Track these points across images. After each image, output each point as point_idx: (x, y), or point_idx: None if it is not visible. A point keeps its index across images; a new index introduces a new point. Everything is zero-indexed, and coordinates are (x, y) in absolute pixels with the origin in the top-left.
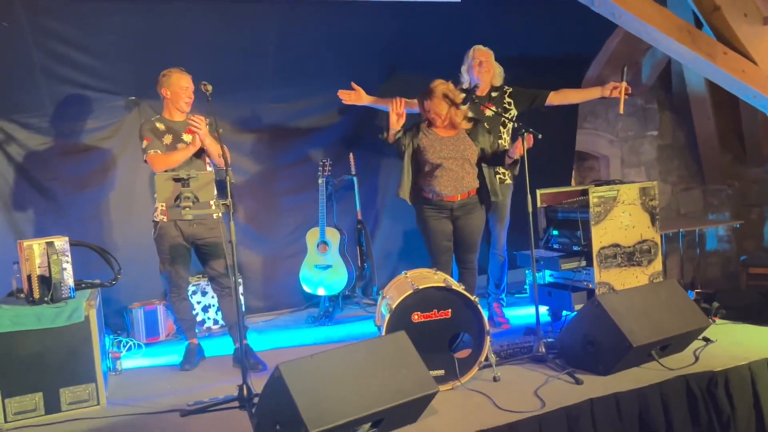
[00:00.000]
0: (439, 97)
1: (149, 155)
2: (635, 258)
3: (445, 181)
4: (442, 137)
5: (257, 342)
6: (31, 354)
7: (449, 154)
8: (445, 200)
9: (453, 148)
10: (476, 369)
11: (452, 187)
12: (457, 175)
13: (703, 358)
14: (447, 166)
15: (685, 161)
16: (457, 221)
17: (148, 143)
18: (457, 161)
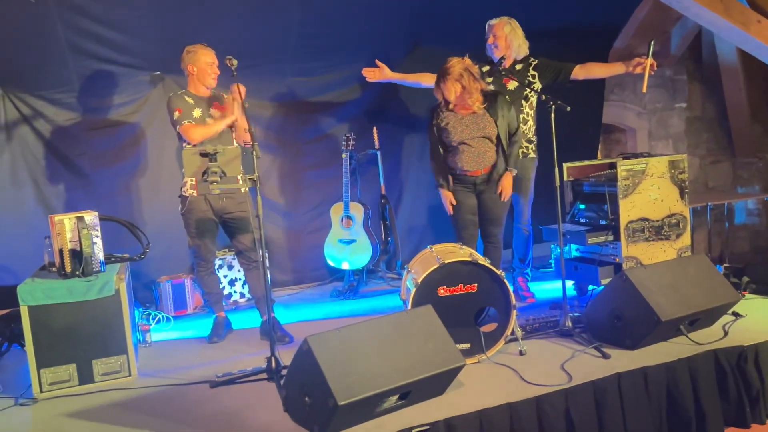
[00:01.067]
0: (453, 80)
1: (183, 126)
2: (663, 232)
3: (467, 157)
4: (462, 116)
5: (283, 315)
6: (64, 326)
7: (471, 134)
8: (469, 175)
9: (474, 128)
10: (502, 343)
11: (475, 162)
12: (478, 150)
13: (732, 333)
14: (469, 143)
15: (714, 134)
16: (482, 195)
17: (180, 114)
18: (477, 139)
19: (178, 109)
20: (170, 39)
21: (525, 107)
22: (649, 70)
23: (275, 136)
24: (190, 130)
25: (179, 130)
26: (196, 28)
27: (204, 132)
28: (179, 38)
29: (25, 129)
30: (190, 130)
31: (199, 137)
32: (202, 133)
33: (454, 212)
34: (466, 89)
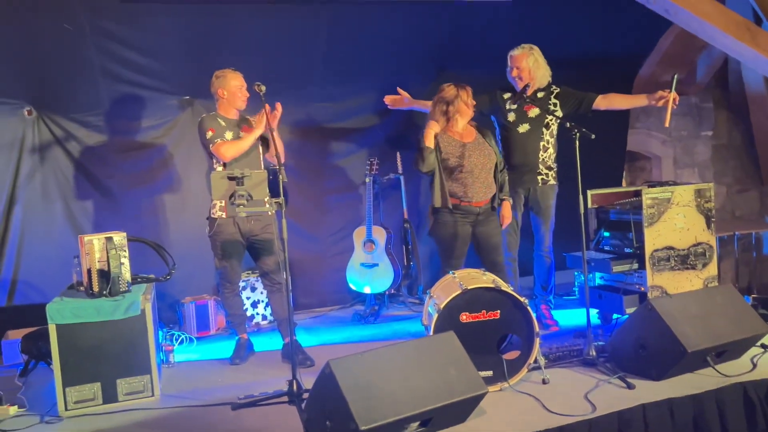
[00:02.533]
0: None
1: (216, 144)
2: (689, 261)
3: (479, 186)
4: (466, 143)
5: (305, 338)
6: (90, 345)
7: (478, 161)
8: (473, 205)
9: (480, 154)
10: (525, 371)
11: (483, 193)
12: (486, 180)
13: (761, 366)
14: (477, 172)
15: (741, 162)
16: (477, 227)
17: (213, 134)
18: (485, 167)
19: (210, 129)
20: (199, 64)
21: (546, 135)
22: (672, 104)
23: (299, 160)
24: (222, 148)
25: (212, 149)
26: (225, 54)
27: (235, 148)
28: (208, 64)
29: (57, 150)
30: (222, 147)
31: (231, 154)
32: (234, 150)
33: (450, 239)
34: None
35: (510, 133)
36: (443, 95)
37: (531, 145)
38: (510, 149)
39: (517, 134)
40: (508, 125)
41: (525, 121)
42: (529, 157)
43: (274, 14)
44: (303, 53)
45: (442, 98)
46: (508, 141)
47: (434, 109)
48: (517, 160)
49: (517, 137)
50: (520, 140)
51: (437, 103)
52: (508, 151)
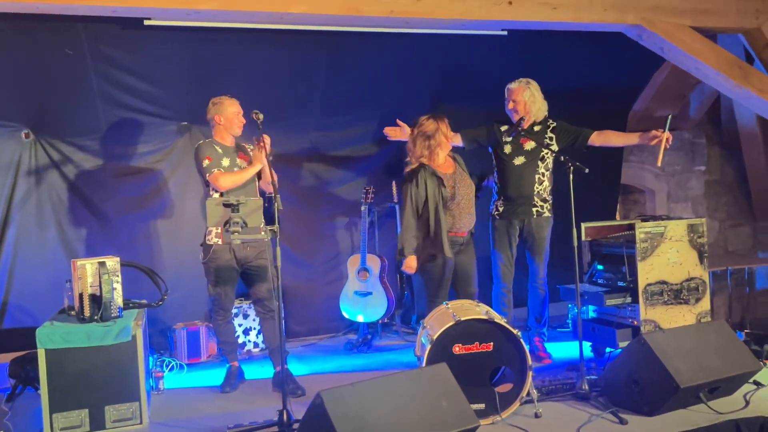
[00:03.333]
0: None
1: (213, 174)
2: (682, 296)
3: (464, 217)
4: (448, 174)
5: (296, 367)
6: (79, 371)
7: (465, 192)
8: (459, 234)
9: (464, 185)
10: (518, 404)
11: (467, 222)
12: (470, 210)
13: (754, 403)
14: (463, 203)
15: (734, 197)
16: (458, 255)
17: (210, 162)
18: (469, 197)
19: (208, 157)
20: (198, 91)
21: (541, 167)
22: (666, 144)
23: (296, 187)
24: (220, 178)
25: (209, 178)
26: (224, 81)
27: (233, 179)
28: (207, 91)
29: (54, 173)
30: (220, 177)
31: (228, 185)
32: (232, 181)
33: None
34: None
35: (506, 165)
36: (424, 130)
37: (526, 178)
38: (506, 181)
39: (513, 166)
40: (505, 157)
41: (521, 154)
42: (524, 189)
43: (274, 43)
44: (302, 82)
45: (424, 133)
46: (503, 173)
47: (415, 144)
48: (513, 192)
49: (512, 169)
50: (516, 172)
51: (418, 137)
52: (504, 182)
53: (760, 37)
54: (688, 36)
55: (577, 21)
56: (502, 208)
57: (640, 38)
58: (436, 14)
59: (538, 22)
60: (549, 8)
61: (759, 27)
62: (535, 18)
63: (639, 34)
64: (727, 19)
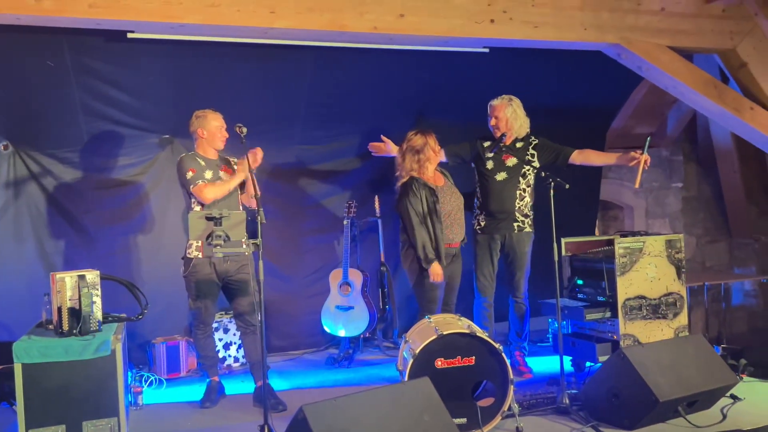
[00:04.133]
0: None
1: (197, 185)
2: (661, 311)
3: (456, 228)
4: (438, 186)
5: (277, 382)
6: (56, 386)
7: (455, 203)
8: (453, 246)
9: (455, 197)
10: (499, 418)
11: (458, 232)
12: (460, 221)
13: (731, 416)
14: (454, 213)
15: (710, 213)
16: (450, 266)
17: (193, 174)
18: (459, 208)
19: (191, 170)
20: (181, 104)
21: (522, 183)
22: (644, 165)
23: (278, 201)
24: (204, 190)
25: (192, 190)
26: (207, 95)
27: (216, 191)
28: (190, 104)
29: (32, 186)
30: (204, 189)
31: (212, 196)
32: (215, 192)
33: (435, 288)
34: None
35: (488, 181)
36: (412, 144)
37: (508, 193)
38: (487, 196)
39: (495, 182)
40: (487, 173)
41: (503, 170)
42: (505, 204)
43: (259, 56)
44: (286, 96)
45: (412, 147)
46: (485, 188)
47: (404, 159)
48: (494, 207)
49: (494, 185)
50: (498, 188)
51: (407, 152)
52: (486, 198)
53: (735, 57)
54: (666, 55)
55: (558, 40)
56: (483, 223)
57: (619, 57)
58: (420, 31)
59: (519, 40)
60: (530, 27)
61: (734, 48)
62: (516, 36)
63: (618, 53)
64: (704, 39)
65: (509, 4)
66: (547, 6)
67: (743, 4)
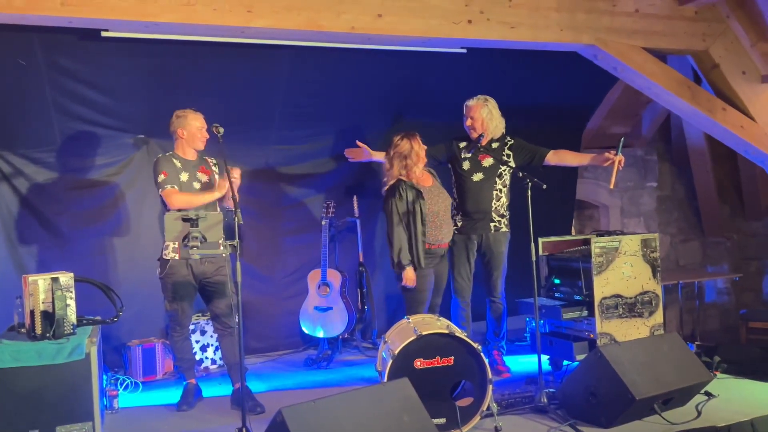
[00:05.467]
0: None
1: (166, 190)
2: (637, 309)
3: (445, 228)
4: (427, 187)
5: (255, 383)
6: (29, 390)
7: (443, 203)
8: (441, 246)
9: (442, 197)
10: (478, 418)
11: (447, 233)
12: (448, 221)
13: (705, 413)
14: (442, 215)
15: (684, 213)
16: (437, 267)
17: (165, 177)
18: (447, 208)
19: (163, 172)
20: (156, 104)
21: (498, 183)
22: (618, 166)
23: (256, 201)
24: (172, 196)
25: (162, 194)
26: (183, 94)
27: (186, 201)
28: (165, 103)
29: (4, 186)
30: (172, 195)
31: (179, 204)
32: (184, 202)
33: (426, 290)
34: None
35: (464, 181)
36: (399, 150)
37: (484, 194)
38: (464, 197)
39: (471, 182)
40: (463, 173)
41: (479, 170)
42: (482, 204)
43: (234, 56)
44: (263, 96)
45: (399, 153)
46: (462, 189)
47: (392, 164)
48: (471, 207)
49: (471, 185)
50: (474, 188)
51: (395, 158)
52: (462, 198)
53: (708, 59)
54: (640, 56)
55: (535, 40)
56: (460, 224)
57: (594, 58)
58: (397, 31)
59: (496, 40)
60: (507, 27)
61: (706, 49)
62: (493, 37)
63: (594, 54)
64: (677, 41)
65: (486, 5)
66: (523, 7)
67: (716, 7)
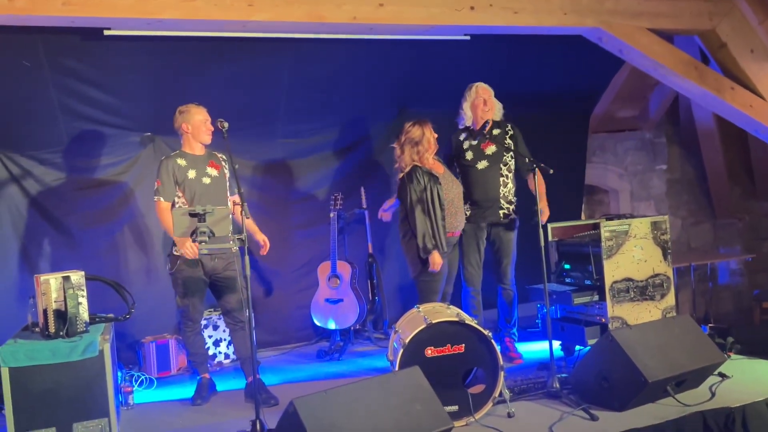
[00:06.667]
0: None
1: (156, 200)
2: (648, 292)
3: (460, 216)
4: (442, 174)
5: (268, 376)
6: (45, 388)
7: (457, 191)
8: (454, 235)
9: (456, 184)
10: (490, 405)
11: (460, 221)
12: (461, 209)
13: (719, 394)
14: (456, 201)
15: (694, 195)
16: (449, 256)
17: (157, 186)
18: (461, 196)
19: (158, 181)
20: (161, 101)
21: (503, 170)
22: None
23: (264, 196)
24: (158, 208)
25: (155, 200)
26: (188, 91)
27: (164, 221)
28: (170, 100)
29: (14, 188)
30: (158, 207)
31: (160, 218)
32: (163, 220)
33: (440, 279)
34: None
35: (469, 171)
36: (411, 136)
37: (491, 181)
38: (470, 186)
39: (477, 171)
40: (467, 163)
41: (483, 158)
42: (489, 192)
43: (237, 51)
44: (267, 90)
45: (411, 139)
46: (468, 179)
47: (403, 151)
48: (479, 196)
49: (476, 174)
50: (480, 176)
51: (405, 144)
52: (469, 188)
53: (715, 38)
54: (646, 38)
55: (538, 25)
56: (469, 213)
57: (599, 41)
58: (399, 20)
59: (500, 26)
60: (510, 13)
61: (713, 29)
62: (496, 23)
63: (599, 37)
64: (683, 21)
65: None
66: None
67: None
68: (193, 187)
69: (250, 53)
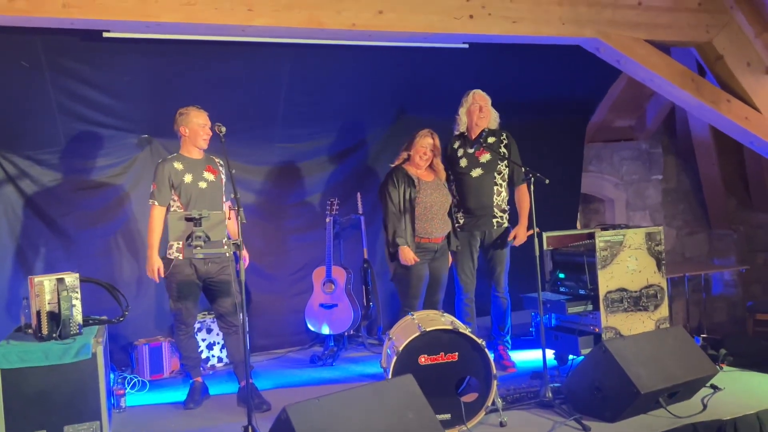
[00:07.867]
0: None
1: (151, 203)
2: (642, 303)
3: (436, 222)
4: (428, 182)
5: (261, 381)
6: (36, 391)
7: (438, 199)
8: (433, 241)
9: (439, 194)
10: (483, 413)
11: (441, 229)
12: (444, 217)
13: (711, 406)
14: (435, 210)
15: (690, 205)
16: (433, 263)
17: (152, 189)
18: (443, 206)
19: (154, 184)
20: (159, 103)
21: (497, 178)
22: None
23: (260, 200)
24: (150, 214)
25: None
26: (185, 93)
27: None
28: (168, 103)
29: (9, 188)
30: (151, 213)
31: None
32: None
33: (414, 281)
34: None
35: (463, 178)
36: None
37: (485, 189)
38: (464, 194)
39: (471, 179)
40: (461, 171)
41: (477, 166)
42: (483, 200)
43: (236, 55)
44: (265, 94)
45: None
46: (462, 187)
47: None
48: (472, 204)
49: (470, 182)
50: (474, 185)
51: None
52: (463, 196)
53: (712, 50)
54: (643, 49)
55: (537, 34)
56: (462, 221)
57: (597, 51)
58: (398, 27)
59: (498, 35)
60: (509, 22)
61: (710, 41)
62: (495, 32)
63: (596, 47)
64: (680, 33)
65: None
66: (525, 1)
67: None
68: (188, 192)
69: (249, 57)
